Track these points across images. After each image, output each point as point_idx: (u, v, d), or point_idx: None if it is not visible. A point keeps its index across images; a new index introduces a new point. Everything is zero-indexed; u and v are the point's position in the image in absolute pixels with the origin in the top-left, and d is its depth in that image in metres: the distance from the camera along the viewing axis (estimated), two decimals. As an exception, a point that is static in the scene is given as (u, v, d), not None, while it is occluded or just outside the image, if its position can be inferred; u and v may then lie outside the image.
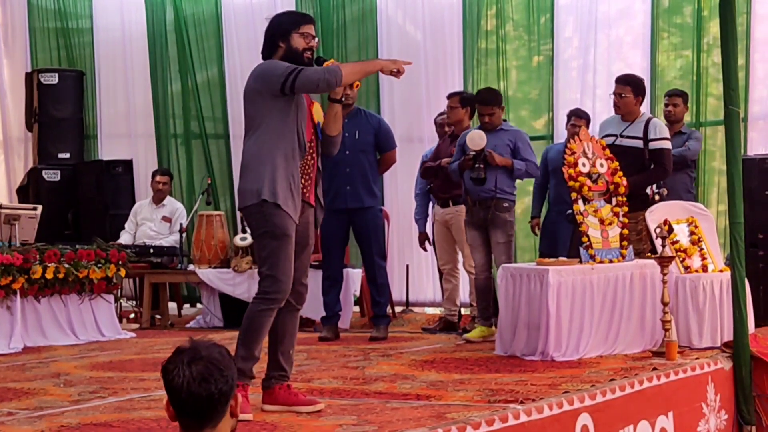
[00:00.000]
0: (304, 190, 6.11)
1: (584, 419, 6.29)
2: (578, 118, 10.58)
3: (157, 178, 12.29)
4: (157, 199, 12.26)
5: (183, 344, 3.29)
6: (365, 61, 6.10)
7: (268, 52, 6.21)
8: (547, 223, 10.77)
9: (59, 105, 13.34)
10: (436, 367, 7.77)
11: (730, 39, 7.87)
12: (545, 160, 10.82)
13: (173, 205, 12.35)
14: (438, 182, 10.23)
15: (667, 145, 8.90)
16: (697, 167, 10.74)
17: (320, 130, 6.23)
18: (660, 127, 8.92)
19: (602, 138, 8.84)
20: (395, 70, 6.16)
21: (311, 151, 6.16)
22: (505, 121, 9.65)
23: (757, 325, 8.78)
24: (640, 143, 8.84)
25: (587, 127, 10.39)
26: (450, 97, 10.37)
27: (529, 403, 6.04)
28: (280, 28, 6.17)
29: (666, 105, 10.20)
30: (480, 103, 9.46)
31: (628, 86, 8.99)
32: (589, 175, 8.41)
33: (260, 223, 6.03)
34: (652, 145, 8.81)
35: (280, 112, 5.99)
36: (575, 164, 8.38)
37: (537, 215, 10.91)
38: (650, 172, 8.81)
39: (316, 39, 6.23)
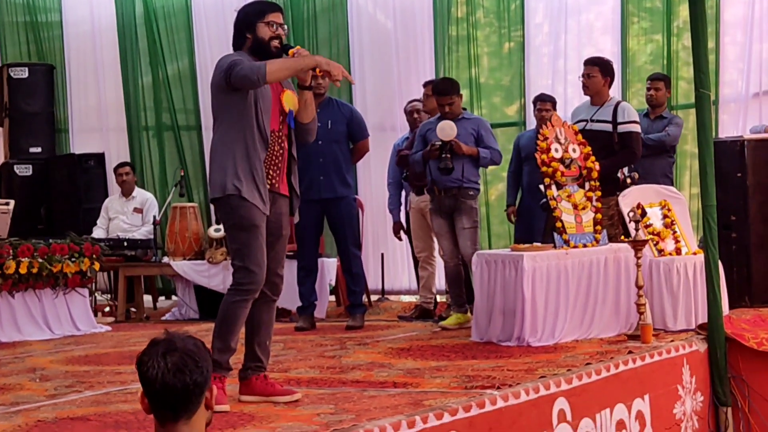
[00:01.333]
0: (273, 181, 6.09)
1: (561, 403, 6.32)
2: (543, 102, 10.61)
3: (119, 171, 12.28)
4: (126, 191, 12.23)
5: (158, 336, 3.29)
6: (297, 57, 5.99)
7: (236, 43, 6.21)
8: (521, 210, 10.78)
9: (30, 99, 13.28)
10: (412, 355, 7.78)
11: (699, 22, 7.90)
12: (517, 147, 10.83)
13: (143, 196, 12.33)
14: (414, 170, 10.24)
15: (636, 128, 8.93)
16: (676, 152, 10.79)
17: (292, 118, 6.21)
18: (628, 111, 8.96)
19: (574, 124, 8.86)
20: (328, 70, 6.05)
21: (280, 141, 6.13)
22: (464, 109, 9.66)
23: (731, 307, 8.83)
24: (609, 127, 8.87)
25: (554, 109, 10.43)
26: (425, 85, 10.39)
27: (506, 389, 6.06)
28: (246, 19, 6.16)
29: (648, 89, 10.22)
30: (438, 93, 9.45)
31: (596, 66, 9.03)
32: (561, 160, 8.43)
33: (228, 215, 6.06)
34: (621, 128, 8.85)
35: (238, 105, 5.99)
36: (548, 150, 8.40)
37: (512, 203, 10.91)
38: (618, 156, 8.83)
39: (284, 27, 6.21)
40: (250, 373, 6.14)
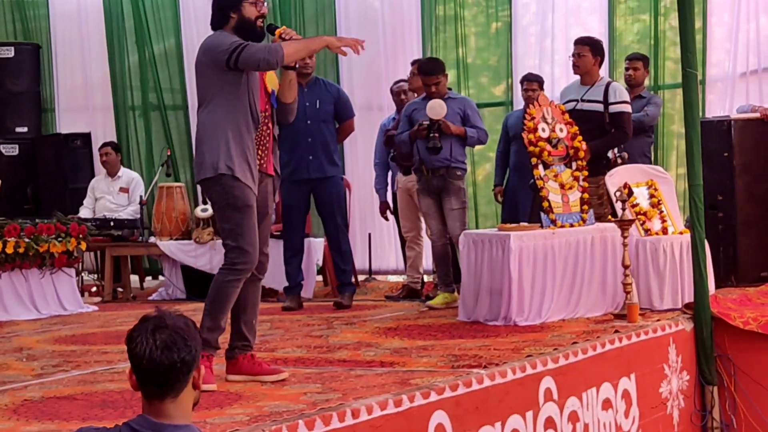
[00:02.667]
0: (261, 161, 6.09)
1: (547, 382, 6.34)
2: (530, 82, 10.61)
3: (100, 151, 12.26)
4: (110, 171, 12.20)
5: (149, 313, 3.29)
6: (309, 38, 5.99)
7: (218, 22, 6.15)
8: (508, 189, 10.78)
9: (16, 79, 13.22)
10: (399, 334, 7.79)
11: (687, 2, 7.90)
12: (505, 126, 10.83)
13: (129, 175, 12.30)
14: (400, 150, 10.23)
15: (627, 108, 8.94)
16: (655, 132, 10.78)
17: (275, 98, 6.19)
18: (620, 91, 8.96)
19: (563, 104, 8.86)
20: (341, 47, 6.09)
21: (266, 120, 6.14)
22: (450, 89, 9.64)
23: (717, 287, 8.86)
24: (600, 107, 8.87)
25: (541, 89, 10.43)
26: (413, 63, 10.39)
27: (493, 368, 6.08)
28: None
29: (627, 69, 10.20)
30: (424, 73, 9.43)
31: (587, 46, 9.04)
32: (548, 140, 8.43)
33: (221, 196, 6.02)
34: (612, 108, 8.85)
35: (231, 85, 5.96)
36: (535, 129, 8.41)
37: (500, 183, 10.90)
38: (610, 136, 8.84)
39: (266, 4, 6.17)
40: (237, 352, 6.14)
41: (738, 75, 11.26)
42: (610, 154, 8.94)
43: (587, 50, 8.99)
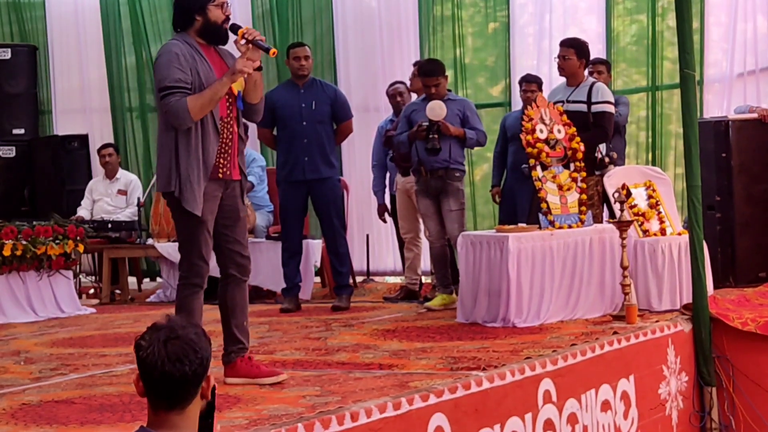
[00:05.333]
0: (224, 170, 6.05)
1: (546, 384, 6.33)
2: (529, 83, 10.58)
3: (101, 152, 12.24)
4: (110, 173, 12.19)
5: (159, 321, 3.25)
6: (213, 85, 5.88)
7: (182, 24, 6.08)
8: (505, 190, 10.76)
9: (12, 80, 13.21)
10: (398, 336, 7.78)
11: (684, 2, 7.88)
12: (503, 127, 10.81)
13: (127, 178, 12.29)
14: (399, 151, 10.21)
15: (609, 108, 8.96)
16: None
17: (241, 100, 6.14)
18: (603, 91, 8.99)
19: (551, 105, 8.87)
20: (246, 64, 5.92)
21: (229, 126, 6.07)
22: (449, 90, 9.64)
23: (715, 287, 8.85)
24: (584, 107, 8.90)
25: (540, 90, 10.42)
26: (415, 64, 10.40)
27: (492, 370, 6.07)
28: (196, 1, 6.04)
29: (591, 73, 10.11)
30: (424, 74, 9.44)
31: (572, 48, 9.06)
32: (546, 141, 8.43)
33: (172, 209, 6.09)
34: (595, 108, 8.89)
35: None
36: (533, 130, 8.40)
37: (497, 183, 10.85)
38: (589, 134, 8.83)
39: (229, 6, 6.12)
40: (233, 356, 6.13)
41: (735, 75, 11.27)
42: (597, 154, 8.94)
43: (572, 53, 9.02)
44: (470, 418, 5.71)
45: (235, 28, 6.01)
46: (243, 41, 5.95)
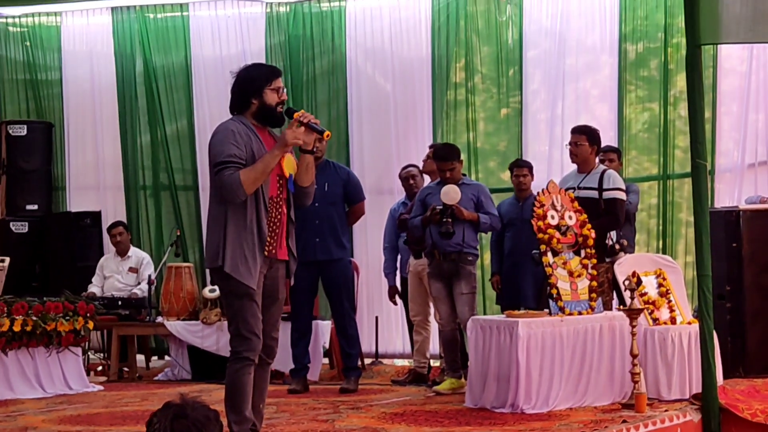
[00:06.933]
0: (270, 248, 6.11)
1: (555, 472, 6.29)
2: (520, 168, 10.64)
3: (112, 231, 12.30)
4: (121, 251, 12.24)
5: (173, 399, 3.27)
6: (265, 156, 6.02)
7: (238, 107, 6.23)
8: (505, 276, 10.68)
9: (28, 157, 13.30)
10: (406, 420, 7.75)
11: (696, 92, 7.93)
12: (499, 214, 10.80)
13: (138, 255, 12.33)
14: (413, 234, 10.23)
15: (621, 195, 9.02)
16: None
17: (292, 182, 6.24)
18: (614, 178, 9.06)
19: (564, 191, 8.91)
20: (299, 135, 6.08)
21: (278, 206, 6.16)
22: (464, 175, 9.71)
23: (725, 377, 8.81)
24: (595, 194, 8.96)
25: (531, 175, 10.48)
26: (431, 147, 10.48)
27: (500, 457, 6.04)
28: (252, 85, 6.18)
29: (602, 160, 10.15)
30: (439, 159, 9.52)
31: (584, 135, 9.15)
32: (557, 227, 8.45)
33: (222, 284, 6.18)
34: (606, 194, 8.95)
35: None
36: (544, 216, 8.43)
37: (497, 271, 10.78)
38: (601, 221, 8.86)
39: (285, 90, 6.26)
40: (243, 437, 6.12)
41: (747, 165, 11.32)
42: (607, 241, 8.97)
43: (584, 139, 9.12)
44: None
45: (290, 113, 6.16)
46: (297, 124, 6.07)
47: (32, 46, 13.86)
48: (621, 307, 8.47)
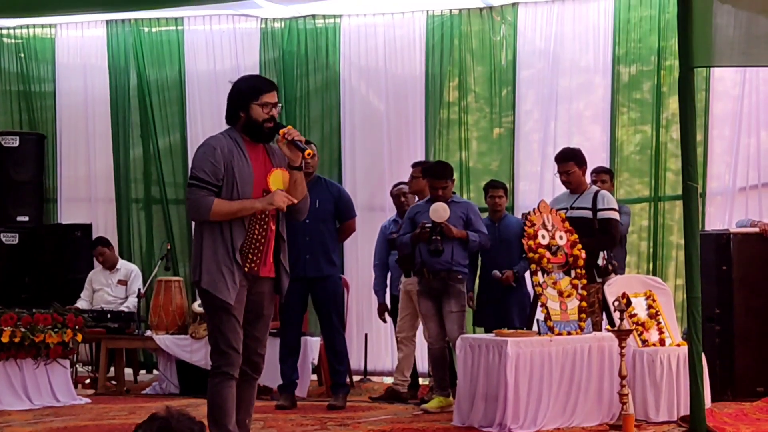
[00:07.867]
0: (252, 265, 6.10)
1: (541, 492, 6.29)
2: (495, 188, 10.62)
3: (94, 252, 12.32)
4: (108, 267, 12.23)
5: (158, 411, 3.25)
6: (244, 203, 6.05)
7: (230, 119, 6.25)
8: (481, 297, 10.63)
9: (19, 168, 13.26)
10: (393, 438, 7.75)
11: (688, 115, 7.94)
12: None
13: (127, 268, 12.32)
14: (402, 252, 10.22)
15: (615, 215, 9.05)
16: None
17: None
18: (608, 198, 9.12)
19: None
20: (283, 205, 6.13)
21: (262, 223, 6.13)
22: (454, 193, 9.73)
23: (713, 400, 8.81)
24: (589, 213, 9.00)
25: (506, 195, 10.49)
26: (414, 166, 10.44)
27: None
28: (240, 98, 6.18)
29: (594, 181, 10.16)
30: (433, 176, 9.54)
31: (572, 161, 9.19)
32: (548, 247, 8.46)
33: (202, 298, 6.21)
34: (601, 214, 8.99)
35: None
36: (535, 236, 8.44)
37: (470, 289, 10.78)
38: (596, 240, 8.88)
39: (278, 105, 6.23)
40: (228, 451, 6.11)
41: (738, 189, 11.33)
42: (600, 261, 8.99)
43: (573, 165, 9.20)
44: None
45: (278, 128, 6.15)
46: (283, 140, 6.08)
47: (26, 58, 13.85)
48: (610, 327, 8.47)
